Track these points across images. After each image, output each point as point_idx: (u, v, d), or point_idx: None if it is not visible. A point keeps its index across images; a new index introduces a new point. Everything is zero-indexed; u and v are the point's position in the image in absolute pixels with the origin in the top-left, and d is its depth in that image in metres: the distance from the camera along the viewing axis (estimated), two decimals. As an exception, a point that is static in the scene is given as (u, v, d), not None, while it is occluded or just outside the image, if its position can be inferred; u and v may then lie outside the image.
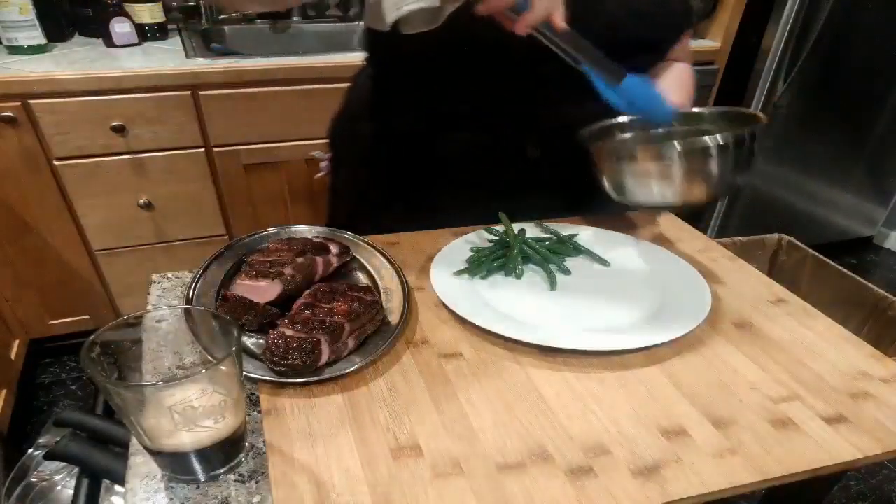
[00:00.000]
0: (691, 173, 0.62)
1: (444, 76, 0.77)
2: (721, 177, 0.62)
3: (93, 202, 1.45)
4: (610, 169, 0.68)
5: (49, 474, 1.05)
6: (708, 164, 0.62)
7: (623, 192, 0.68)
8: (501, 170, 0.82)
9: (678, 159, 0.61)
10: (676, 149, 0.61)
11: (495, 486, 0.44)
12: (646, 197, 0.66)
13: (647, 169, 0.64)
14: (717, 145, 0.60)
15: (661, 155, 0.62)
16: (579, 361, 0.57)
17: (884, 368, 0.58)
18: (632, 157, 0.65)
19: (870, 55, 1.97)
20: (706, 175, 0.62)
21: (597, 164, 0.69)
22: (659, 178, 0.63)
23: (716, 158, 0.61)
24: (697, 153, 0.61)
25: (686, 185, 0.63)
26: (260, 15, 1.87)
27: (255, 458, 0.46)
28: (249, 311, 0.57)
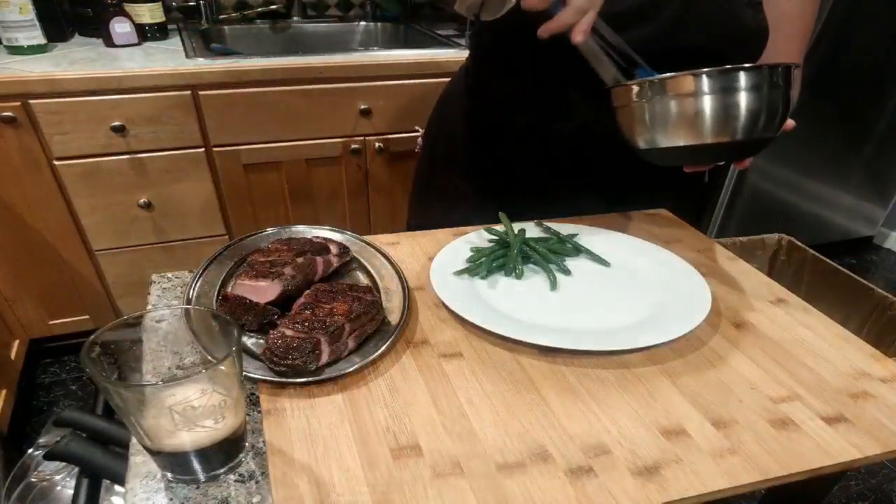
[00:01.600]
0: (720, 103, 0.59)
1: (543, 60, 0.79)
2: (752, 114, 0.59)
3: (93, 202, 1.45)
4: (634, 110, 0.64)
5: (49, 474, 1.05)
6: (737, 95, 0.58)
7: (647, 137, 0.64)
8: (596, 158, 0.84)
9: (707, 85, 0.58)
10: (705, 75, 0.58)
11: (495, 486, 0.44)
12: (672, 139, 0.62)
13: (675, 103, 0.60)
14: (747, 72, 0.57)
15: (691, 85, 0.59)
16: (579, 361, 0.57)
17: (884, 368, 0.58)
18: (658, 90, 0.61)
19: (870, 55, 1.97)
20: (735, 108, 0.59)
21: (618, 109, 0.66)
22: (688, 113, 0.60)
23: (745, 89, 0.58)
24: (726, 80, 0.58)
25: (716, 120, 0.59)
26: (260, 15, 1.88)
27: (255, 458, 0.46)
28: (249, 311, 0.57)
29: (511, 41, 0.80)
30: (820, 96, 1.99)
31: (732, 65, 0.60)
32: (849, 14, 1.83)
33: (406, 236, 0.78)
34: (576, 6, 0.60)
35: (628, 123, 0.66)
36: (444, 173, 0.99)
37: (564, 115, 0.82)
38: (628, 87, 0.64)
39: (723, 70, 0.58)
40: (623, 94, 0.65)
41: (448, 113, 0.99)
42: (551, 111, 0.82)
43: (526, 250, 0.71)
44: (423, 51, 1.56)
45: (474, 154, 0.93)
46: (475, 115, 0.91)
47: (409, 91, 1.53)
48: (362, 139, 1.58)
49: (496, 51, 0.86)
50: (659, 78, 0.61)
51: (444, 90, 1.02)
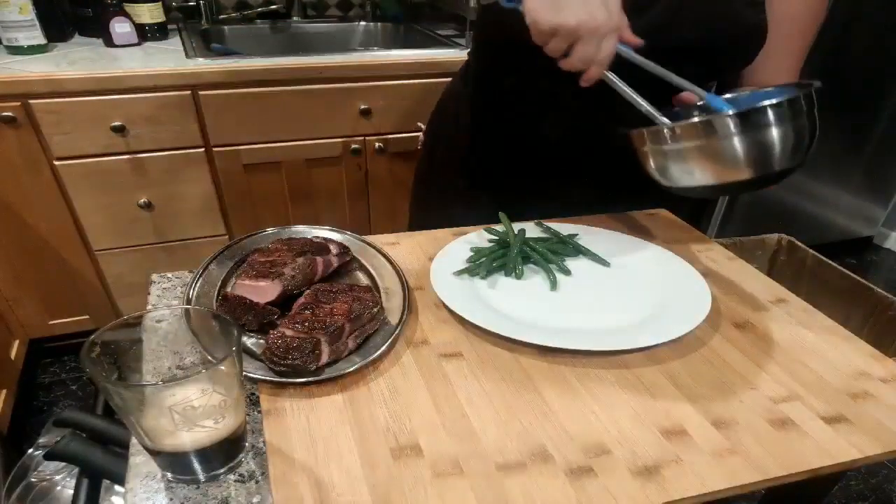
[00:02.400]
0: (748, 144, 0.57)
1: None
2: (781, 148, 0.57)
3: (93, 202, 1.45)
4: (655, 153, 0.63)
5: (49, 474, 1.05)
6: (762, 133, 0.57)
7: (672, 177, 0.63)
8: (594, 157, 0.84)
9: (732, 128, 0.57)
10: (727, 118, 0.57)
11: (495, 486, 0.44)
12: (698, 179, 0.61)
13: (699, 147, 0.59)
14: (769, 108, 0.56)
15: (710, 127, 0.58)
16: (579, 361, 0.57)
17: (884, 368, 0.58)
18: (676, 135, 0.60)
19: (870, 55, 1.97)
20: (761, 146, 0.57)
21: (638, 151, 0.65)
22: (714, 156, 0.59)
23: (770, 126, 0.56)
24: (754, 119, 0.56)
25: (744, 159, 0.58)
26: (260, 15, 1.88)
27: (255, 458, 0.46)
28: (249, 311, 0.57)
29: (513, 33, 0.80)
30: (820, 96, 1.99)
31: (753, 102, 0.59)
32: (849, 14, 1.83)
33: (406, 236, 0.78)
34: (578, 57, 0.61)
35: (650, 164, 0.65)
36: (444, 171, 0.99)
37: (558, 112, 0.82)
38: (643, 132, 0.63)
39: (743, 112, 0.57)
40: (640, 138, 0.64)
41: (448, 111, 0.98)
42: (546, 108, 0.82)
43: (526, 250, 0.71)
44: (423, 51, 1.56)
45: (474, 153, 0.93)
46: (474, 114, 0.91)
47: (409, 91, 1.53)
48: (362, 139, 1.58)
49: (497, 44, 0.85)
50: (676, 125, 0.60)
51: (446, 89, 1.02)
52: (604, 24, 0.59)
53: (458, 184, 0.95)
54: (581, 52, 0.61)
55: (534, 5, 0.61)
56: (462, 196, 0.94)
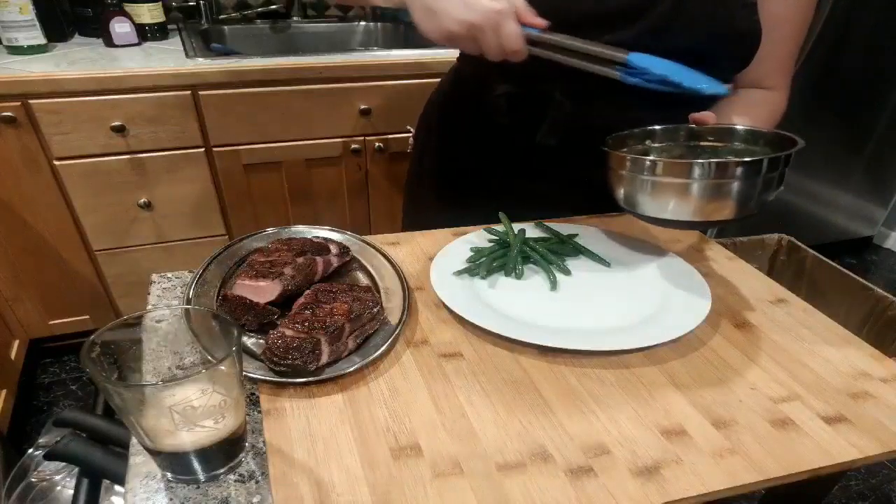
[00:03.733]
0: (712, 193, 0.59)
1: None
2: (743, 199, 0.59)
3: (93, 202, 1.45)
4: (625, 179, 0.65)
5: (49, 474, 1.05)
6: (732, 186, 0.58)
7: (635, 204, 0.65)
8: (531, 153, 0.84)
9: (700, 176, 0.58)
10: (700, 166, 0.58)
11: (495, 486, 0.44)
12: (658, 212, 0.63)
13: (665, 184, 0.61)
14: (744, 166, 0.57)
15: (682, 171, 0.59)
16: (579, 361, 0.57)
17: (884, 368, 0.58)
18: (651, 169, 0.62)
19: (870, 55, 1.97)
20: (728, 196, 0.59)
21: (612, 170, 0.66)
22: (676, 195, 0.60)
23: (741, 180, 0.57)
24: (722, 173, 0.58)
25: (704, 205, 0.59)
26: (260, 15, 1.88)
27: (255, 458, 0.46)
28: (249, 311, 0.57)
29: None
30: (820, 96, 1.99)
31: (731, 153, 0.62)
32: (849, 14, 1.83)
33: (406, 236, 0.78)
34: (487, 50, 0.63)
35: (617, 185, 0.66)
36: (435, 173, 0.98)
37: (554, 118, 0.81)
38: (623, 156, 0.64)
39: (723, 163, 0.58)
40: (617, 160, 0.65)
41: (437, 113, 0.98)
42: (541, 114, 0.81)
43: (526, 250, 0.71)
44: (423, 51, 1.56)
45: (464, 154, 0.92)
46: (465, 116, 0.90)
47: (409, 91, 1.53)
48: (362, 139, 1.58)
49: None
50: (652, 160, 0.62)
51: (434, 90, 1.02)
52: (486, 16, 0.60)
53: (449, 185, 0.95)
54: (486, 45, 0.62)
55: (416, 18, 0.63)
56: (453, 198, 0.94)
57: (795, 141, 0.62)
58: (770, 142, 0.67)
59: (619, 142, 0.71)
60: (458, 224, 0.80)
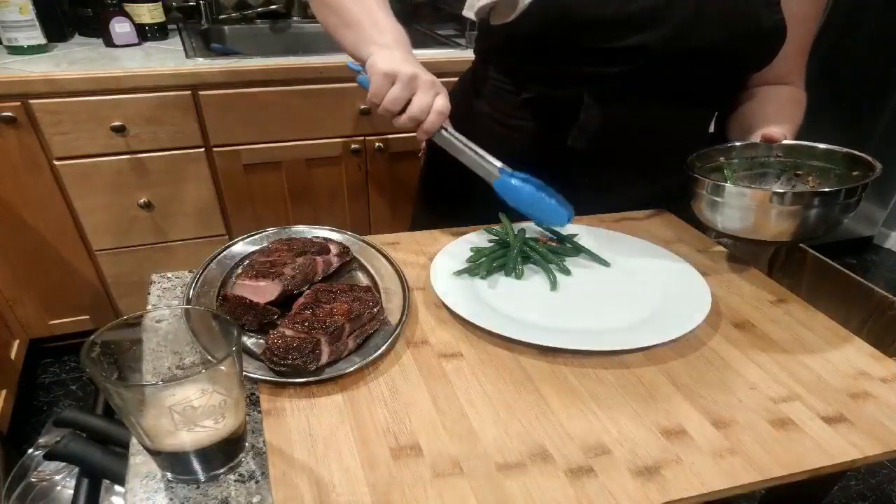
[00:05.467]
0: (788, 218, 0.62)
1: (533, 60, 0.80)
2: (819, 223, 0.62)
3: (93, 202, 1.45)
4: (707, 201, 0.68)
5: (49, 474, 1.05)
6: (808, 212, 0.62)
7: (717, 224, 0.69)
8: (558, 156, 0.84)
9: (776, 204, 0.62)
10: (775, 195, 0.62)
11: (495, 486, 0.44)
12: (740, 232, 0.67)
13: (743, 207, 0.64)
14: (820, 196, 0.60)
15: (759, 198, 0.63)
16: (579, 361, 0.57)
17: (884, 368, 0.58)
18: (729, 195, 0.65)
19: (870, 55, 1.97)
20: (804, 220, 0.62)
21: (695, 191, 0.70)
22: (755, 218, 0.64)
23: (817, 208, 0.61)
24: (799, 201, 0.61)
25: (781, 227, 0.63)
26: (260, 15, 1.88)
27: (255, 458, 0.46)
28: (249, 311, 0.57)
29: (522, 46, 0.79)
30: (820, 96, 1.99)
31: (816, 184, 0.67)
32: (849, 14, 1.83)
33: (406, 236, 0.78)
34: (418, 105, 0.68)
35: (700, 206, 0.70)
36: (449, 179, 0.96)
37: (582, 123, 0.80)
38: (707, 182, 0.67)
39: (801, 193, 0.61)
40: (700, 185, 0.69)
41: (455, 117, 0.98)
42: (568, 119, 0.80)
43: (526, 250, 0.71)
44: (423, 51, 1.56)
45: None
46: (484, 120, 0.89)
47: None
48: (362, 139, 1.58)
49: (506, 56, 0.85)
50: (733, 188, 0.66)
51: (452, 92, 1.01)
52: (436, 81, 0.70)
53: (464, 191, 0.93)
54: (419, 101, 0.68)
55: (374, 60, 0.68)
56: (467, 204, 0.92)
57: (872, 164, 0.66)
58: (844, 159, 0.70)
59: (699, 159, 0.74)
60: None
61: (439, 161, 0.98)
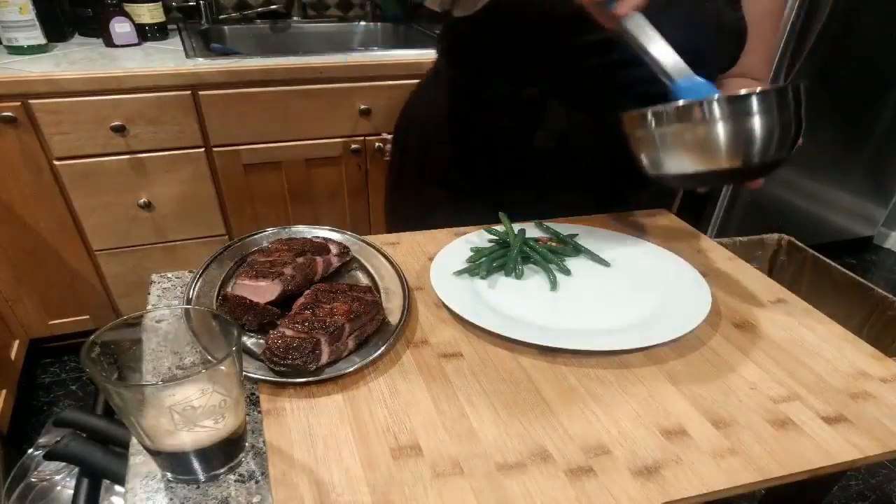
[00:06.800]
0: (733, 130, 0.57)
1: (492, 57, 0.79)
2: (765, 137, 0.57)
3: (93, 202, 1.45)
4: (644, 138, 0.62)
5: (49, 474, 1.05)
6: (750, 121, 0.57)
7: (660, 164, 0.63)
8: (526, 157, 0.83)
9: (715, 116, 0.57)
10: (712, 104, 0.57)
11: (495, 486, 0.44)
12: (681, 166, 0.61)
13: (686, 131, 0.59)
14: (759, 97, 0.56)
15: (701, 113, 0.58)
16: (579, 361, 0.57)
17: (884, 368, 0.58)
18: (669, 118, 0.60)
19: (870, 55, 1.97)
20: (749, 134, 0.57)
21: (631, 135, 0.64)
22: (695, 142, 0.59)
23: (759, 114, 0.56)
24: (740, 106, 0.57)
25: (725, 148, 0.58)
26: (260, 15, 1.88)
27: (255, 458, 0.46)
28: (249, 311, 0.57)
29: (486, 42, 0.78)
30: (820, 96, 2.00)
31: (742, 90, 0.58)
32: (849, 14, 1.83)
33: (406, 236, 0.78)
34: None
35: (640, 149, 0.64)
36: (417, 181, 0.95)
37: (547, 121, 0.79)
38: (635, 115, 0.62)
39: (733, 97, 0.57)
40: (631, 122, 0.63)
41: (418, 118, 0.95)
42: (533, 117, 0.80)
43: (526, 250, 0.71)
44: (423, 51, 1.56)
45: (449, 161, 0.89)
46: (450, 121, 0.87)
47: (409, 91, 1.53)
48: (362, 139, 1.58)
49: (471, 53, 0.82)
50: (668, 107, 0.60)
51: (413, 94, 0.98)
52: None
53: (433, 192, 0.92)
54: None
55: None
56: (436, 205, 0.91)
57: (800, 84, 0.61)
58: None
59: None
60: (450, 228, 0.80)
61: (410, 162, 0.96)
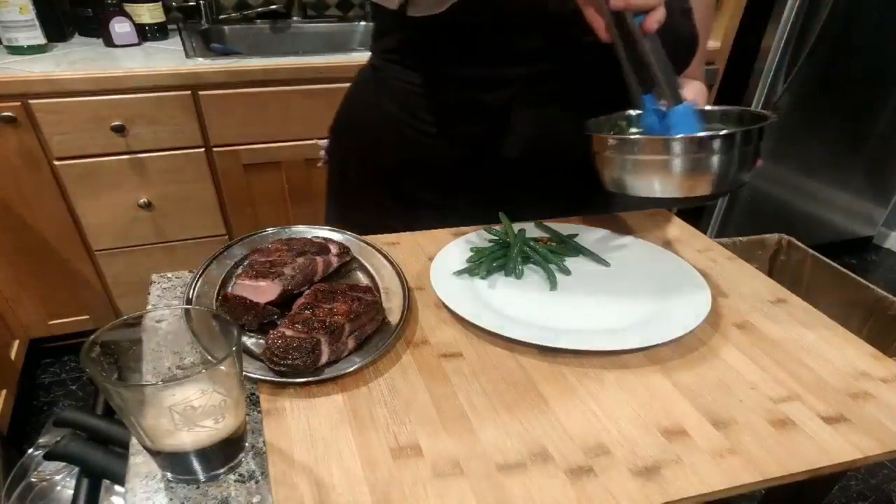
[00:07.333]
0: (694, 167, 0.60)
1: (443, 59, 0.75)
2: (724, 173, 0.61)
3: (93, 202, 1.45)
4: (610, 160, 0.65)
5: (49, 474, 1.05)
6: (712, 159, 0.60)
7: (622, 185, 0.66)
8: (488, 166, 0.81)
9: (682, 152, 0.60)
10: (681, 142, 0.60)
11: (495, 486, 0.44)
12: (645, 191, 0.64)
13: (649, 162, 0.62)
14: (722, 140, 0.59)
15: (664, 148, 0.61)
16: (579, 361, 0.57)
17: (884, 368, 0.58)
18: (634, 149, 0.63)
19: (870, 55, 1.97)
20: (709, 170, 0.61)
21: (597, 154, 0.67)
22: (661, 172, 0.62)
23: (720, 153, 0.59)
24: (702, 147, 0.60)
25: (687, 180, 0.61)
26: (260, 15, 1.88)
27: (255, 458, 0.46)
28: (249, 311, 0.57)
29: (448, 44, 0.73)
30: (820, 96, 2.00)
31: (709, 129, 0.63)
32: (849, 14, 1.83)
33: (406, 236, 0.78)
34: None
35: (604, 167, 0.67)
36: (363, 188, 0.89)
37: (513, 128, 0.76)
38: (604, 137, 0.65)
39: (696, 138, 0.60)
40: (599, 142, 0.66)
41: (360, 123, 0.88)
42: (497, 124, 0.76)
43: (526, 250, 0.71)
44: (423, 51, 1.56)
45: (401, 168, 0.84)
46: (396, 125, 0.81)
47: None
48: (362, 139, 1.58)
49: (425, 56, 0.76)
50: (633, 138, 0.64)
51: (349, 98, 0.92)
52: None
53: (380, 200, 0.87)
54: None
55: None
56: (386, 212, 0.86)
57: (766, 116, 0.65)
58: (741, 120, 0.69)
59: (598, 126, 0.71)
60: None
61: (353, 169, 0.91)
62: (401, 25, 0.76)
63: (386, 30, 0.80)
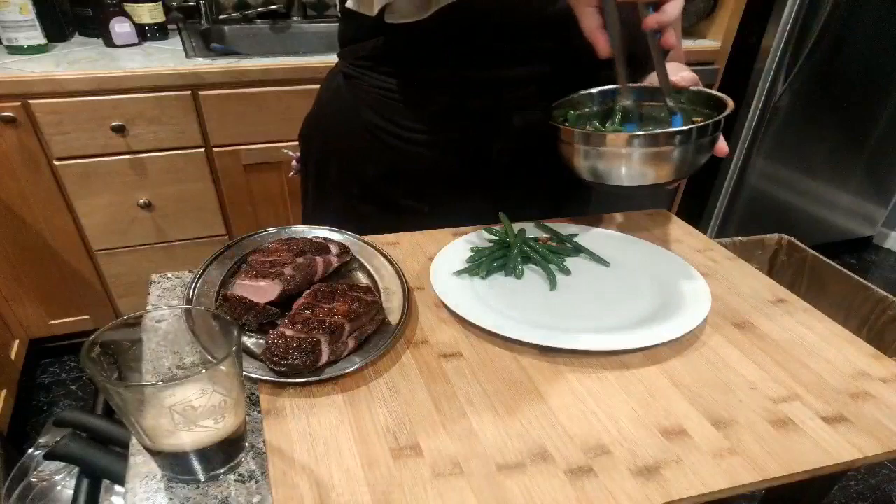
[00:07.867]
0: (654, 159, 0.64)
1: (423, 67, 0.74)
2: (682, 162, 0.64)
3: (93, 202, 1.45)
4: (575, 150, 0.68)
5: (49, 474, 1.05)
6: (672, 152, 0.64)
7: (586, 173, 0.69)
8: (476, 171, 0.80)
9: (641, 147, 0.63)
10: (640, 137, 0.63)
11: (495, 486, 0.44)
12: (608, 179, 0.68)
13: (610, 154, 0.66)
14: (682, 135, 0.62)
15: (625, 142, 0.64)
16: (579, 361, 0.57)
17: (884, 368, 0.58)
18: (596, 142, 0.66)
19: (870, 55, 1.97)
20: (668, 161, 0.64)
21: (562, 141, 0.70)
22: (623, 163, 0.65)
23: (679, 147, 0.63)
24: (662, 142, 0.63)
25: (648, 169, 0.65)
26: (260, 15, 1.88)
27: (255, 458, 0.46)
28: (249, 311, 0.57)
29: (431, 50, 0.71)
30: (820, 96, 2.00)
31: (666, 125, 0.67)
32: (849, 14, 1.83)
33: (406, 236, 0.78)
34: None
35: (571, 157, 0.69)
36: (341, 196, 0.87)
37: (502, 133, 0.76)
38: (571, 130, 0.68)
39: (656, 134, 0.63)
40: (567, 134, 0.68)
41: (336, 131, 0.85)
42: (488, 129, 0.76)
43: (526, 250, 0.71)
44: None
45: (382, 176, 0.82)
46: (375, 133, 0.80)
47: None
48: (362, 139, 1.58)
49: (405, 62, 0.74)
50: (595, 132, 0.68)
51: (320, 106, 0.88)
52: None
53: (357, 207, 0.85)
54: None
55: None
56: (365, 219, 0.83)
57: (725, 102, 0.67)
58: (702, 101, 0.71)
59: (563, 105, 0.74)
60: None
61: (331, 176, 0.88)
62: (377, 32, 0.73)
63: (358, 36, 0.78)
